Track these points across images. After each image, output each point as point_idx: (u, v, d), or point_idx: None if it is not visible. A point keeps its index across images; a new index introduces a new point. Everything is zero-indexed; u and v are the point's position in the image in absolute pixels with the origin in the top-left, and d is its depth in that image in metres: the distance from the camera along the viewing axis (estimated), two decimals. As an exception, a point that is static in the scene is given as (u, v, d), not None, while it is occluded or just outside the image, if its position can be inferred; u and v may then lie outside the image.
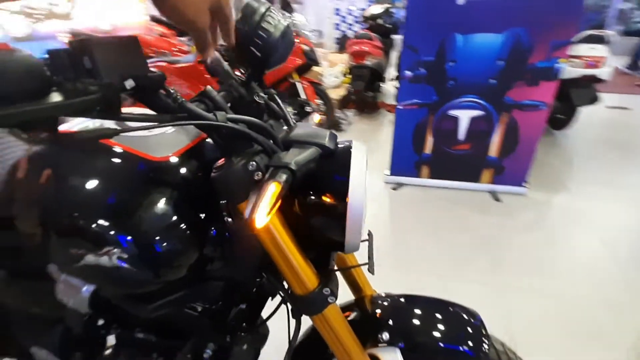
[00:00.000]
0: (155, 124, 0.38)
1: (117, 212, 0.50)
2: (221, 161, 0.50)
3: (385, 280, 0.90)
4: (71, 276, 0.57)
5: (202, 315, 0.66)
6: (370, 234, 0.73)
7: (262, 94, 0.54)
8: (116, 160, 0.52)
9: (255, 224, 0.39)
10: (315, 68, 3.84)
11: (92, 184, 0.50)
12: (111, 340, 0.70)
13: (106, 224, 0.48)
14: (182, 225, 0.48)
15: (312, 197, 0.52)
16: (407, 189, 2.41)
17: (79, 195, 0.50)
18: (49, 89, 0.30)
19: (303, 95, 2.82)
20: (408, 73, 2.08)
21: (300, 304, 0.54)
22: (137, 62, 0.36)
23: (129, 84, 0.34)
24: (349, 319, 0.71)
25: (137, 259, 0.49)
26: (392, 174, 2.42)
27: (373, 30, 3.89)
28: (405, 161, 2.36)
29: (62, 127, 0.57)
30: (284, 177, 0.44)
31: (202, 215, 0.53)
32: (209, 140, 0.59)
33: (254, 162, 0.46)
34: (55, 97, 0.30)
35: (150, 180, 0.52)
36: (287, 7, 2.77)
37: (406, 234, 1.93)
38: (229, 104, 0.55)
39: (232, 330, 0.72)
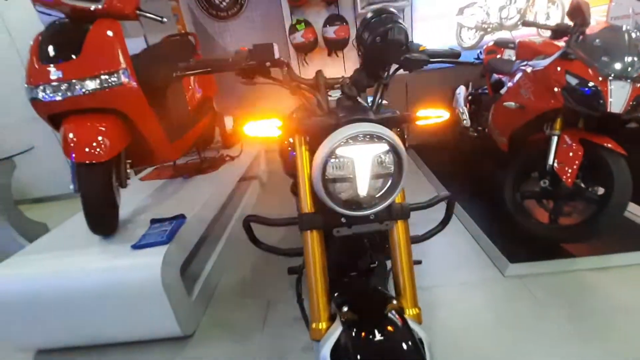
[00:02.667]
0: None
1: None
2: None
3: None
4: None
5: None
6: None
7: (345, 77, 0.79)
8: None
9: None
10: None
11: None
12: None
13: None
14: None
15: None
16: None
17: None
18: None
19: (551, 159, 1.68)
20: None
21: (298, 218, 0.80)
22: (270, 54, 0.82)
23: (267, 64, 0.83)
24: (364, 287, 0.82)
25: None
26: None
27: None
28: None
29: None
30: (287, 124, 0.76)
31: None
32: None
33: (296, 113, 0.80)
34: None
35: None
36: None
37: None
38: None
39: None
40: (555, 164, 1.67)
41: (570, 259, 1.69)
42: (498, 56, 2.69)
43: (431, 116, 0.78)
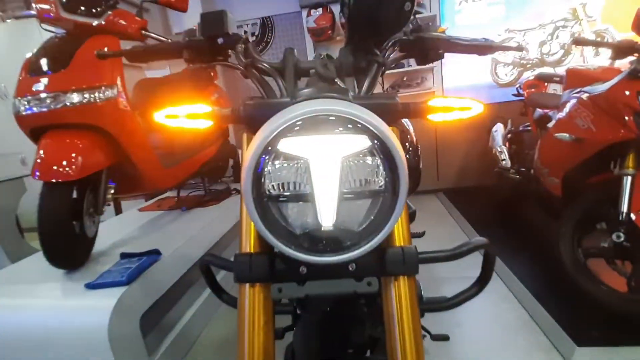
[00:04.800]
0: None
1: None
2: None
3: None
4: None
5: None
6: None
7: (322, 54, 0.54)
8: None
9: None
10: None
11: None
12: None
13: None
14: None
15: None
16: None
17: None
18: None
19: (625, 206, 1.27)
20: None
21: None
22: (221, 25, 0.59)
23: (219, 40, 0.60)
24: None
25: None
26: None
27: None
28: None
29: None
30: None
31: None
32: None
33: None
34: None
35: None
36: None
37: None
38: None
39: None
40: (632, 213, 1.26)
41: (667, 347, 1.20)
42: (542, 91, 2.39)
43: (454, 107, 0.48)
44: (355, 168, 0.39)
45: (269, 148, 0.38)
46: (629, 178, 1.31)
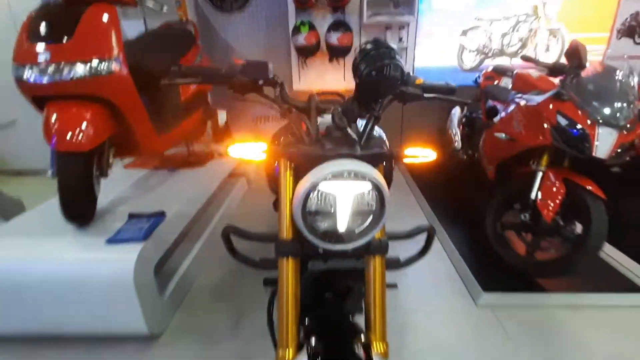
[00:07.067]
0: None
1: None
2: None
3: None
4: None
5: None
6: None
7: (335, 108, 0.79)
8: None
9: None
10: None
11: None
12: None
13: None
14: None
15: None
16: None
17: None
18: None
19: (533, 194, 1.69)
20: None
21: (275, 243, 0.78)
22: (265, 72, 0.81)
23: (260, 82, 0.82)
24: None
25: None
26: None
27: None
28: None
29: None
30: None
31: None
32: None
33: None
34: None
35: None
36: None
37: None
38: None
39: None
40: (538, 199, 1.70)
41: (543, 293, 1.73)
42: (495, 82, 2.73)
43: (418, 155, 0.78)
44: (361, 199, 0.68)
45: (313, 187, 0.66)
46: (540, 174, 1.72)
